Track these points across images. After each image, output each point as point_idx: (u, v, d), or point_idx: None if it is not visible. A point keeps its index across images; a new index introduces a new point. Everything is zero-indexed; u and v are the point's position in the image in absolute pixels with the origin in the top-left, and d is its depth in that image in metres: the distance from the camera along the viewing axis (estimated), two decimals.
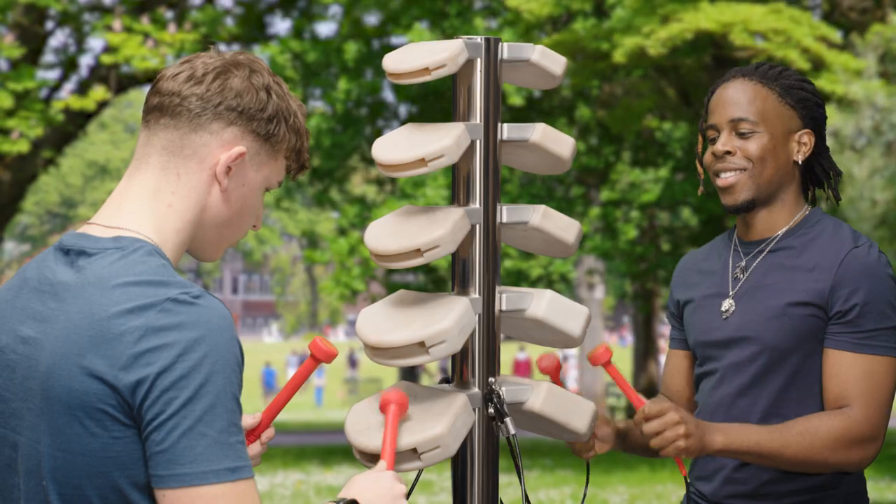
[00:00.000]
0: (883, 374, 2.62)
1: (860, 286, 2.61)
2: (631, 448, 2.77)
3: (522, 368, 30.27)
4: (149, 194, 1.90)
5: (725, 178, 2.71)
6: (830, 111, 14.44)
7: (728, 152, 2.70)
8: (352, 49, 17.87)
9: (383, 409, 2.16)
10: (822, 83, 14.77)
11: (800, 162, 2.72)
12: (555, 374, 2.55)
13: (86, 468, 1.76)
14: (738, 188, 2.70)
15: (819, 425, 2.58)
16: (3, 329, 1.88)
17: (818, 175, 2.79)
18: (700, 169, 2.88)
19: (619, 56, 15.65)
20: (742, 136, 2.70)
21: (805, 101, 2.73)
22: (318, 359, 2.17)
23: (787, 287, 2.67)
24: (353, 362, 37.01)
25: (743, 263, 2.76)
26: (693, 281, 2.85)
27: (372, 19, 19.19)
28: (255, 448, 2.23)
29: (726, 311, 2.74)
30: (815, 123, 2.75)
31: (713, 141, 2.75)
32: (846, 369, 2.61)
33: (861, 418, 2.59)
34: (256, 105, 1.93)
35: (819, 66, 15.36)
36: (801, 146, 2.72)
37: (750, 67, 2.75)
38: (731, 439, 2.54)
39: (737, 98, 2.71)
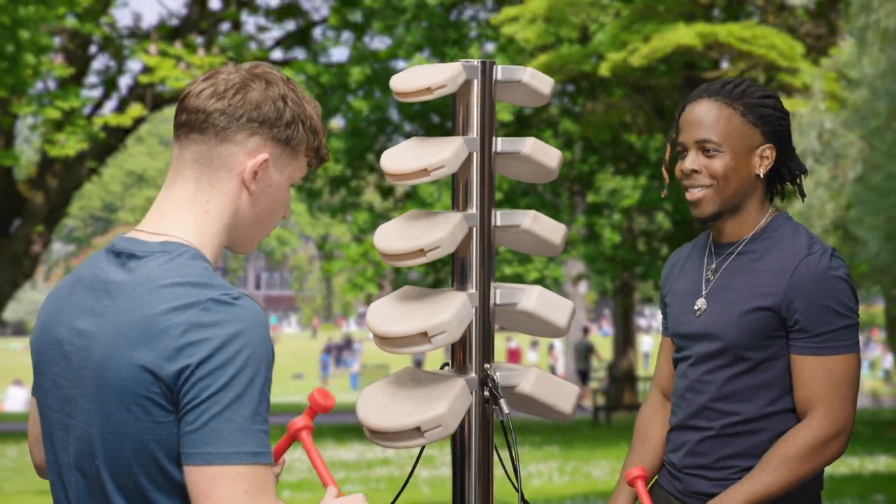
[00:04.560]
0: (843, 370, 2.61)
1: (810, 297, 2.60)
2: None
3: (514, 356, 30.41)
4: (187, 204, 1.90)
5: (693, 194, 2.71)
6: (795, 105, 14.42)
7: (695, 171, 2.70)
8: (356, 72, 17.84)
9: (296, 436, 1.97)
10: (804, 78, 14.83)
11: (762, 175, 2.70)
12: (642, 483, 2.65)
13: (133, 449, 1.77)
14: (705, 203, 2.70)
15: (789, 448, 2.59)
16: (60, 322, 1.88)
17: (784, 176, 2.78)
18: (665, 175, 2.88)
19: (604, 70, 15.62)
20: (707, 154, 2.69)
21: (767, 117, 2.70)
22: (315, 411, 2.00)
23: (747, 291, 2.67)
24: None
25: (714, 265, 2.76)
26: (675, 276, 2.86)
27: (378, 44, 19.25)
28: None
29: (698, 309, 2.74)
30: (778, 136, 2.72)
31: (682, 155, 2.74)
32: (809, 373, 2.61)
33: (825, 421, 2.59)
34: (274, 114, 1.91)
35: (794, 70, 15.43)
36: (762, 160, 2.70)
37: (716, 86, 2.72)
38: None
39: (703, 119, 2.69)
